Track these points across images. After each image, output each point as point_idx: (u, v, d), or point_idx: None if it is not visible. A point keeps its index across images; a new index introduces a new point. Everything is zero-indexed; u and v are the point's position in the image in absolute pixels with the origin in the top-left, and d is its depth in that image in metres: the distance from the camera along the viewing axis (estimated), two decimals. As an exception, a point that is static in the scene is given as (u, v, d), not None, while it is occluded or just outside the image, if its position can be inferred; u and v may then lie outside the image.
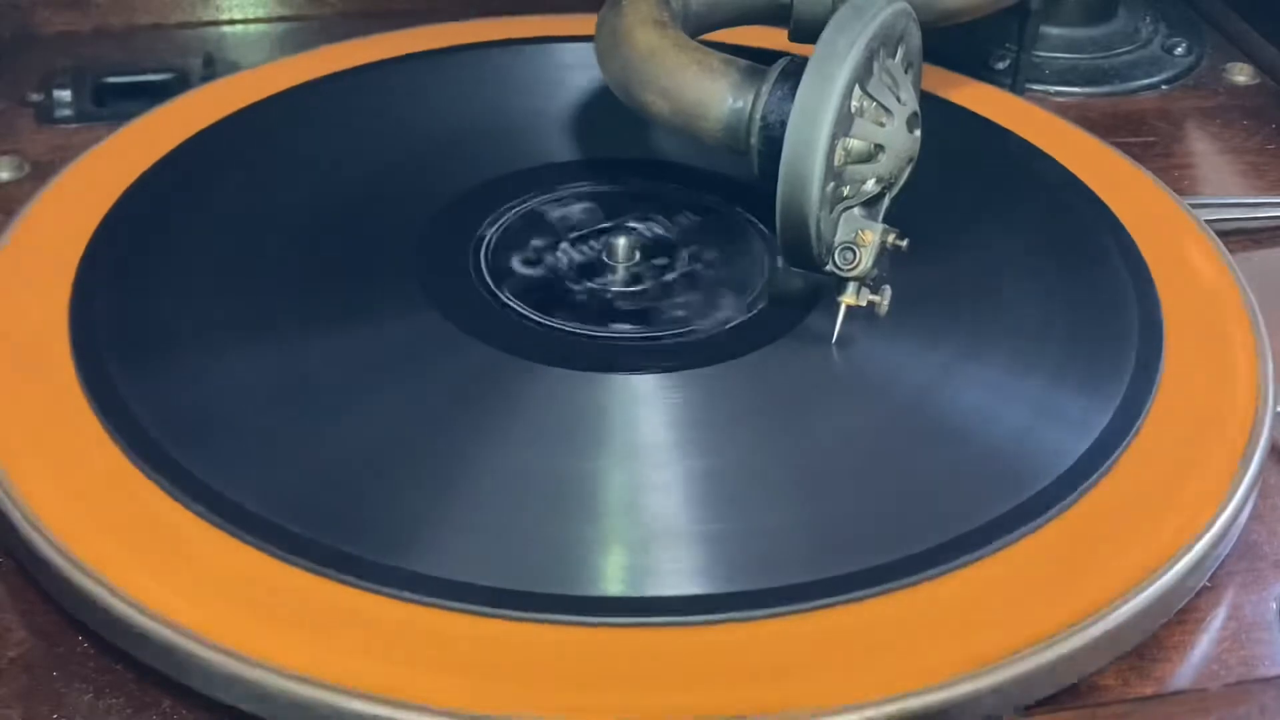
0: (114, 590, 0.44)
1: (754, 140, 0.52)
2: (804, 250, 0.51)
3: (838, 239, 0.52)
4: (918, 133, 0.53)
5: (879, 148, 0.51)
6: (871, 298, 0.53)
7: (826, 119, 0.49)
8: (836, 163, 0.50)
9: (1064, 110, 0.72)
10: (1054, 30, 0.78)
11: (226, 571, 0.45)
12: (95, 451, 0.49)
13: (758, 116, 0.52)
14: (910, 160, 0.53)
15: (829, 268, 0.52)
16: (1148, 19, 0.80)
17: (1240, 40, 0.80)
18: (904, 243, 0.52)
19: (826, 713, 0.41)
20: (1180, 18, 0.82)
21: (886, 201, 0.53)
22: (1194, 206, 0.63)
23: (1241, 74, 0.77)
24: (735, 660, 0.43)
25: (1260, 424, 0.51)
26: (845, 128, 0.50)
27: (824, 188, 0.50)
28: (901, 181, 0.53)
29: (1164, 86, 0.76)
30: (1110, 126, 0.73)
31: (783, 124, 0.50)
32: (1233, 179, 0.70)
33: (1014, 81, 0.73)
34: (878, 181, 0.52)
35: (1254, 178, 0.70)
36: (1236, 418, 0.51)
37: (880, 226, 0.52)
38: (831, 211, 0.51)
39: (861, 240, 0.52)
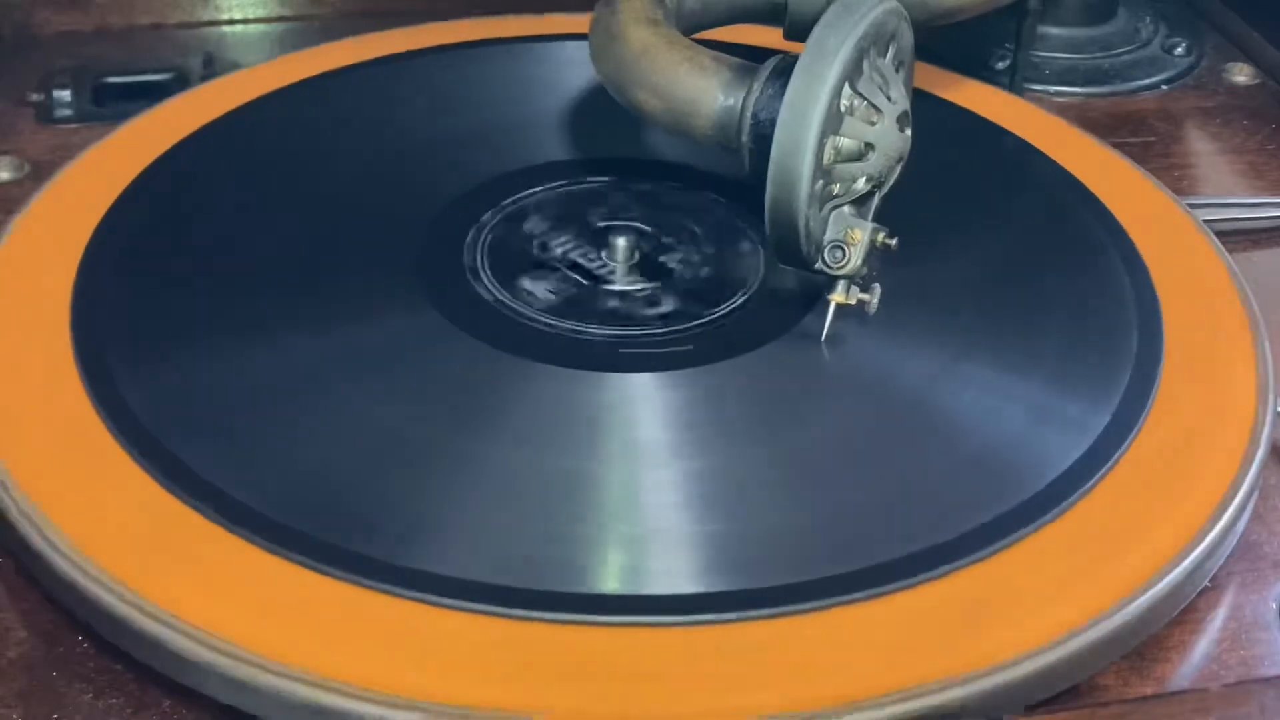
0: (114, 589, 0.44)
1: (745, 138, 0.52)
2: (793, 248, 0.52)
3: (827, 237, 0.52)
4: (908, 132, 0.53)
5: (869, 146, 0.51)
6: (861, 296, 0.53)
7: (815, 117, 0.49)
8: (826, 161, 0.50)
9: (1064, 110, 0.72)
10: (1054, 30, 0.78)
11: (226, 570, 0.45)
12: (96, 451, 0.49)
13: (748, 114, 0.52)
14: (900, 159, 0.53)
15: (818, 266, 0.52)
16: (1148, 19, 0.80)
17: (1240, 40, 0.80)
18: (893, 241, 0.52)
19: (825, 713, 0.41)
20: (1180, 18, 0.82)
21: (876, 200, 0.53)
22: (1194, 206, 0.63)
23: (1241, 74, 0.77)
24: (733, 660, 0.43)
25: (1260, 425, 0.51)
26: (835, 126, 0.50)
27: (813, 186, 0.50)
28: (892, 180, 0.53)
29: (1164, 86, 0.76)
30: (1110, 126, 0.73)
31: (773, 122, 0.50)
32: (1233, 179, 0.70)
33: (1011, 81, 0.73)
34: (867, 180, 0.52)
35: (1254, 178, 0.70)
36: (1236, 418, 0.51)
37: (869, 225, 0.52)
38: (821, 209, 0.52)
39: (851, 238, 0.52)
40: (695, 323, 0.56)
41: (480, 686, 0.42)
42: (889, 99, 0.52)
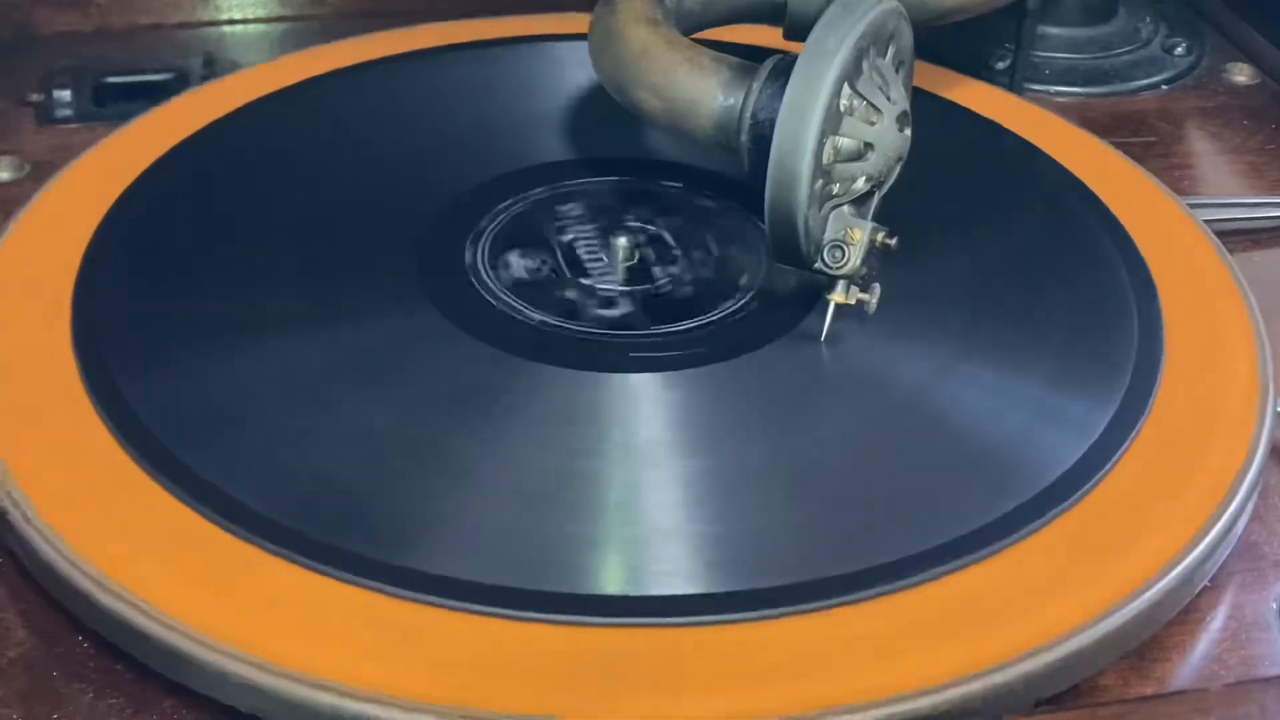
0: (114, 590, 0.44)
1: (744, 138, 0.52)
2: (793, 248, 0.52)
3: (827, 237, 0.52)
4: (908, 131, 0.53)
5: (868, 146, 0.51)
6: (861, 295, 0.53)
7: (814, 117, 0.49)
8: (825, 160, 0.50)
9: (1064, 110, 0.72)
10: (1054, 30, 0.78)
11: (227, 570, 0.45)
12: (96, 451, 0.49)
13: (748, 114, 0.52)
14: (900, 159, 0.53)
15: (818, 265, 0.52)
16: (1148, 19, 0.80)
17: (1240, 40, 0.80)
18: (893, 241, 0.52)
19: (826, 713, 0.41)
20: (1180, 18, 0.82)
21: (876, 200, 0.53)
22: (1194, 206, 0.63)
23: (1241, 74, 0.77)
24: (734, 661, 0.43)
25: (1260, 424, 0.51)
26: (834, 125, 0.50)
27: (812, 185, 0.50)
28: (891, 180, 0.53)
29: (1164, 86, 0.76)
30: (1110, 126, 0.73)
31: (772, 121, 0.50)
32: (1233, 179, 0.70)
33: (1011, 81, 0.73)
34: (867, 180, 0.52)
35: (1254, 178, 0.70)
36: (1236, 418, 0.51)
37: (869, 225, 0.52)
38: (820, 209, 0.52)
39: (850, 238, 0.52)
40: (695, 323, 0.55)
41: (480, 687, 0.42)
42: (888, 99, 0.52)
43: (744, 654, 0.43)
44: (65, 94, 0.70)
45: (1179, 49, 0.78)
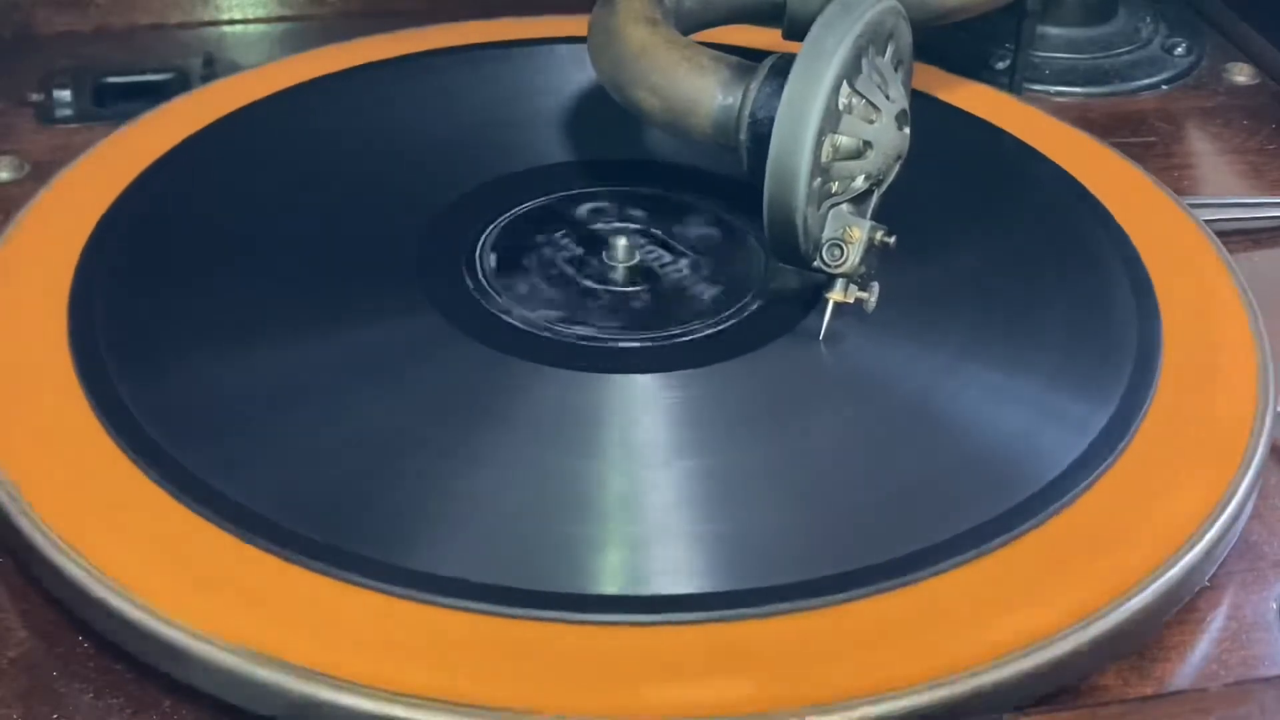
0: (115, 589, 0.44)
1: (743, 137, 0.52)
2: (791, 246, 0.52)
3: (825, 235, 0.52)
4: (907, 130, 0.53)
5: (867, 144, 0.51)
6: (860, 294, 0.53)
7: (813, 115, 0.49)
8: (824, 159, 0.50)
9: (1064, 110, 0.72)
10: (1054, 30, 0.78)
11: (227, 570, 0.45)
12: (95, 451, 0.49)
13: (746, 113, 0.52)
14: (899, 157, 0.53)
15: (816, 264, 0.52)
16: (1148, 19, 0.80)
17: (1240, 40, 0.80)
18: (891, 240, 0.52)
19: (824, 712, 0.41)
20: (1180, 18, 0.82)
21: (875, 198, 0.53)
22: (1194, 206, 0.63)
23: (1241, 74, 0.77)
24: (733, 659, 0.43)
25: (1260, 424, 0.51)
26: (833, 124, 0.50)
27: (810, 184, 0.50)
28: (890, 179, 0.53)
29: (1164, 86, 0.76)
30: (1110, 127, 0.73)
31: (771, 120, 0.50)
32: (1233, 179, 0.70)
33: (1011, 81, 0.73)
34: (866, 178, 0.52)
35: (1254, 178, 0.70)
36: (1236, 418, 0.51)
37: (868, 223, 0.52)
38: (819, 208, 0.52)
39: (849, 237, 0.52)
40: (695, 323, 0.55)
41: (479, 685, 0.42)
42: (887, 97, 0.52)
43: (740, 652, 0.43)
44: (65, 94, 0.70)
45: (1179, 49, 0.78)
